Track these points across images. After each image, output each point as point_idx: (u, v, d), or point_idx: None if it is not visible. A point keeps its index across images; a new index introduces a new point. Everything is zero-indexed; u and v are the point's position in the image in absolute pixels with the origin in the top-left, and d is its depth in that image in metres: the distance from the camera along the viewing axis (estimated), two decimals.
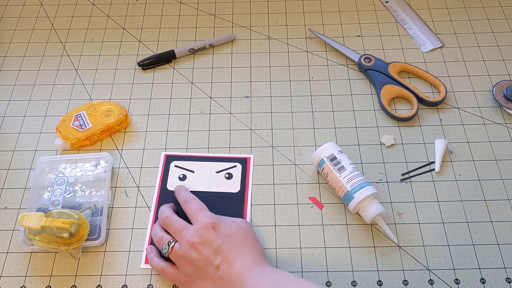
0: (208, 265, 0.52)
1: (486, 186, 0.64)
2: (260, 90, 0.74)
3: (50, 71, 0.76)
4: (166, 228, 0.57)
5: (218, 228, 0.54)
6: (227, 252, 0.52)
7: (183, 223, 0.56)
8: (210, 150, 0.68)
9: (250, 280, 0.50)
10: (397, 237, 0.60)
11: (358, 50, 0.77)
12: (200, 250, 0.53)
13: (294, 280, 0.49)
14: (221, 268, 0.52)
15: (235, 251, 0.53)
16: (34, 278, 0.58)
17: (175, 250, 0.55)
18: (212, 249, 0.53)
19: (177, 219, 0.57)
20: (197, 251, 0.53)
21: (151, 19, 0.82)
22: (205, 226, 0.54)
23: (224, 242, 0.53)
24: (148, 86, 0.74)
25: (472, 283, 0.57)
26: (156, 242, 0.57)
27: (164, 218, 0.58)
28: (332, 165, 0.61)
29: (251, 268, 0.51)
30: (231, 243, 0.53)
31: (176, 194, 0.62)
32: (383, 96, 0.71)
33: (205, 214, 0.56)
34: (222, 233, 0.54)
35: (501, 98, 0.71)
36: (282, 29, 0.81)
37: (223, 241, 0.53)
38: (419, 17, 0.81)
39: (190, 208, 0.58)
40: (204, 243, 0.53)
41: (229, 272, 0.51)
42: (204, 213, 0.56)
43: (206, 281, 0.53)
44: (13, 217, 0.63)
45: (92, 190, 0.63)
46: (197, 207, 0.57)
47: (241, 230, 0.55)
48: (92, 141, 0.68)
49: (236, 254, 0.52)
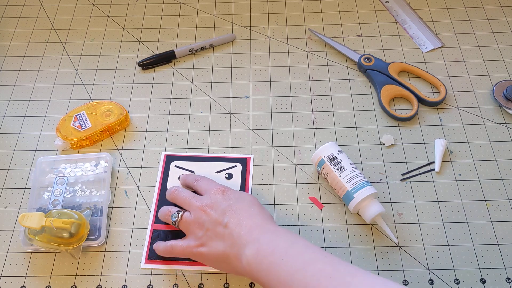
0: (217, 225, 0.52)
1: (486, 186, 0.64)
2: (260, 90, 0.74)
3: (50, 71, 0.76)
4: (174, 201, 0.58)
5: (226, 193, 0.55)
6: (236, 211, 0.53)
7: (191, 193, 0.57)
8: (210, 150, 0.68)
9: (263, 237, 0.50)
10: (397, 237, 0.60)
11: (358, 50, 0.77)
12: (209, 212, 0.53)
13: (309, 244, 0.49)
14: (230, 226, 0.52)
15: (245, 211, 0.53)
16: (34, 278, 0.58)
17: (184, 217, 0.55)
18: (220, 210, 0.53)
19: (185, 190, 0.58)
20: (206, 213, 0.54)
21: (151, 19, 0.82)
22: (214, 191, 0.56)
23: (232, 204, 0.54)
24: (148, 86, 0.74)
25: (472, 283, 0.57)
26: (165, 216, 0.58)
27: (172, 192, 0.59)
28: (332, 165, 0.61)
29: (263, 226, 0.51)
30: (240, 205, 0.54)
31: (184, 178, 0.62)
32: (383, 96, 0.71)
33: (215, 184, 0.58)
34: (231, 197, 0.55)
35: (501, 98, 0.71)
36: (282, 29, 0.81)
37: (232, 203, 0.54)
38: (419, 17, 0.81)
39: (202, 182, 0.59)
40: (213, 206, 0.54)
41: (239, 229, 0.51)
42: (214, 183, 0.58)
43: (215, 241, 0.52)
44: (13, 217, 0.63)
45: (92, 190, 0.63)
46: (208, 181, 0.59)
47: (249, 197, 0.56)
48: (92, 141, 0.68)
49: (246, 214, 0.53)
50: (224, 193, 0.55)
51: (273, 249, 0.48)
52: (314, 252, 0.47)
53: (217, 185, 0.57)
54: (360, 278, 0.44)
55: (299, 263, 0.46)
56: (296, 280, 0.45)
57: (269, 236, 0.50)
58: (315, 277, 0.45)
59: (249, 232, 0.50)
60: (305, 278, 0.45)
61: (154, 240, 0.60)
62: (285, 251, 0.48)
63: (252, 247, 0.49)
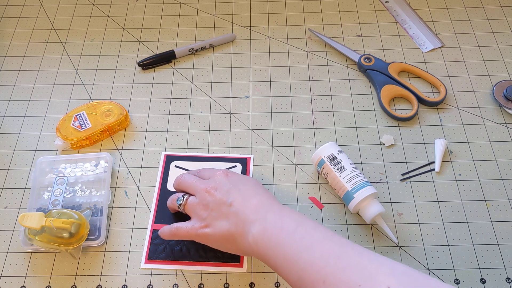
0: (222, 205, 0.52)
1: (486, 186, 0.64)
2: (260, 90, 0.74)
3: (50, 71, 0.76)
4: (180, 187, 0.58)
5: (230, 175, 0.55)
6: (241, 190, 0.53)
7: (196, 177, 0.57)
8: (210, 150, 0.68)
9: (269, 215, 0.49)
10: (397, 237, 0.60)
11: (358, 50, 0.77)
12: (213, 193, 0.53)
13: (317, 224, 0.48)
14: (235, 204, 0.51)
15: (249, 190, 0.53)
16: (34, 278, 0.58)
17: (190, 200, 0.55)
18: (225, 190, 0.53)
19: (190, 175, 0.58)
20: (210, 194, 0.53)
21: (151, 19, 0.82)
22: (217, 174, 0.55)
23: (236, 184, 0.54)
24: (148, 86, 0.74)
25: (472, 283, 0.57)
26: (171, 202, 0.59)
27: (178, 178, 0.59)
28: (332, 165, 0.61)
29: (269, 205, 0.51)
30: (244, 185, 0.54)
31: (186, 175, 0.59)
32: (383, 96, 0.71)
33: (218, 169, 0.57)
34: (235, 178, 0.55)
35: (501, 98, 0.71)
36: (282, 29, 0.81)
37: (235, 183, 0.54)
38: (419, 17, 0.81)
39: (204, 171, 0.59)
40: (217, 187, 0.54)
41: (244, 207, 0.51)
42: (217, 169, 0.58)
43: (220, 220, 0.52)
44: (13, 217, 0.63)
45: (92, 190, 0.63)
46: (210, 168, 0.59)
47: (252, 179, 0.56)
48: (92, 141, 0.68)
49: (251, 193, 0.52)
50: (227, 175, 0.55)
51: (281, 227, 0.48)
52: (322, 232, 0.47)
53: (220, 169, 0.57)
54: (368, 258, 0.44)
55: (307, 242, 0.46)
56: (303, 258, 0.45)
57: (276, 214, 0.50)
58: (323, 256, 0.44)
59: (255, 210, 0.50)
60: (312, 257, 0.45)
61: (154, 240, 0.60)
62: (293, 229, 0.47)
63: (258, 225, 0.49)
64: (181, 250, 0.59)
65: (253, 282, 0.58)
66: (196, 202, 0.55)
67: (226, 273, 0.58)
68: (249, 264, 0.59)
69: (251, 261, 0.59)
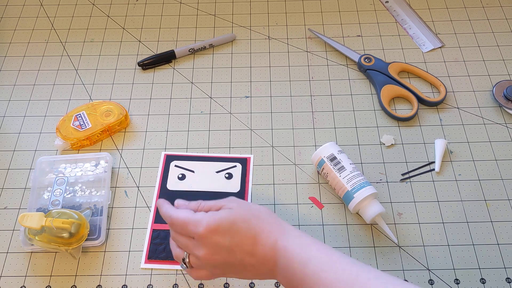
0: (231, 265, 0.50)
1: (486, 186, 0.64)
2: (260, 90, 0.74)
3: (50, 71, 0.76)
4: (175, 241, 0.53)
5: (216, 229, 0.49)
6: (240, 244, 0.48)
7: (184, 241, 0.51)
8: (210, 150, 0.68)
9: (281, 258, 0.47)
10: (397, 237, 0.60)
11: (358, 50, 0.77)
12: (214, 258, 0.49)
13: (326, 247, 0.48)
14: (246, 260, 0.49)
15: (248, 237, 0.48)
16: (34, 278, 0.58)
17: (192, 264, 0.51)
18: (225, 250, 0.49)
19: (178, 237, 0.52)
20: (212, 259, 0.49)
21: (151, 19, 0.82)
22: (203, 235, 0.49)
23: (232, 238, 0.49)
24: (148, 86, 0.74)
25: (472, 283, 0.57)
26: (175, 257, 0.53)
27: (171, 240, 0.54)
28: (332, 165, 0.61)
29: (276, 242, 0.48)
30: (240, 232, 0.49)
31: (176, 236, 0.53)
32: (383, 96, 0.71)
33: (193, 224, 0.49)
34: (224, 230, 0.49)
35: (501, 98, 0.71)
36: (282, 29, 0.81)
37: (231, 237, 0.49)
38: (419, 17, 0.81)
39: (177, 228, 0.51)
40: (215, 251, 0.49)
41: (255, 260, 0.48)
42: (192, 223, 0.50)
43: (240, 273, 0.50)
44: (13, 217, 0.63)
45: (92, 190, 0.63)
46: (183, 219, 0.50)
47: (237, 215, 0.50)
48: (92, 141, 0.68)
49: (251, 240, 0.48)
50: (215, 232, 0.49)
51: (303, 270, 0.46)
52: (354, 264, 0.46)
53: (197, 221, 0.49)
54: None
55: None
56: None
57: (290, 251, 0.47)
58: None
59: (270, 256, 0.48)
60: None
61: (154, 240, 0.60)
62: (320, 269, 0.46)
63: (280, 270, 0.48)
64: None
65: (253, 282, 0.58)
66: (201, 264, 0.50)
67: None
68: None
69: None
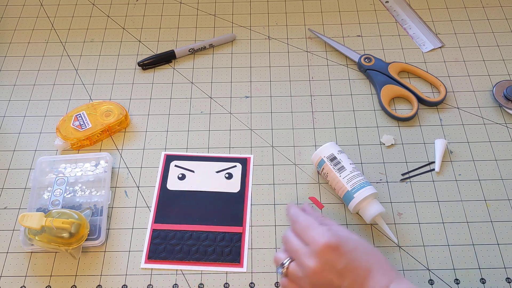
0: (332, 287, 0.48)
1: (486, 186, 0.64)
2: (260, 90, 0.74)
3: (50, 71, 0.76)
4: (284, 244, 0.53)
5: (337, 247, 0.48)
6: (355, 271, 0.47)
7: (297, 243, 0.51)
8: (210, 150, 0.68)
9: None
10: (397, 237, 0.60)
11: (358, 50, 0.77)
12: (323, 275, 0.48)
13: None
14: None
15: (364, 269, 0.48)
16: (34, 278, 0.58)
17: (290, 272, 0.50)
18: (335, 271, 0.47)
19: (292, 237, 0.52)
20: (319, 276, 0.48)
21: (151, 19, 0.82)
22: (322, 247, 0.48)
23: (349, 263, 0.48)
24: (148, 86, 0.74)
25: (472, 283, 0.57)
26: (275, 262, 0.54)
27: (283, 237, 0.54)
28: (332, 165, 0.61)
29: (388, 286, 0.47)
30: (358, 261, 0.48)
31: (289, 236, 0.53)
32: (383, 96, 0.71)
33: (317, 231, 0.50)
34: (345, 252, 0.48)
35: (501, 98, 0.71)
36: (282, 29, 0.81)
37: (347, 261, 0.48)
38: (419, 17, 0.81)
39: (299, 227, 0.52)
40: (326, 268, 0.48)
41: None
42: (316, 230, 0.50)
43: None
44: (13, 217, 0.63)
45: (92, 190, 0.63)
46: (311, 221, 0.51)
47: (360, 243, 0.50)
48: (92, 141, 0.68)
49: (366, 272, 0.48)
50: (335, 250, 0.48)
51: None
52: None
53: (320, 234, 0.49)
54: None
55: None
56: None
57: None
58: None
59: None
60: None
61: (154, 240, 0.60)
62: None
63: None
64: (181, 250, 0.59)
65: (253, 282, 0.58)
66: (299, 276, 0.49)
67: (226, 273, 0.58)
68: (249, 264, 0.59)
69: (251, 261, 0.59)
